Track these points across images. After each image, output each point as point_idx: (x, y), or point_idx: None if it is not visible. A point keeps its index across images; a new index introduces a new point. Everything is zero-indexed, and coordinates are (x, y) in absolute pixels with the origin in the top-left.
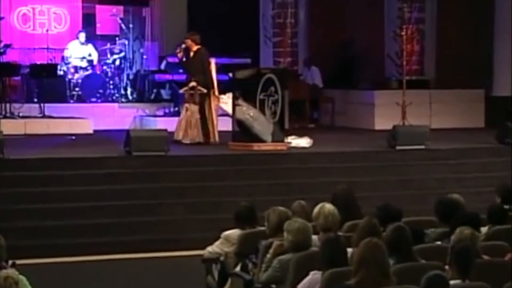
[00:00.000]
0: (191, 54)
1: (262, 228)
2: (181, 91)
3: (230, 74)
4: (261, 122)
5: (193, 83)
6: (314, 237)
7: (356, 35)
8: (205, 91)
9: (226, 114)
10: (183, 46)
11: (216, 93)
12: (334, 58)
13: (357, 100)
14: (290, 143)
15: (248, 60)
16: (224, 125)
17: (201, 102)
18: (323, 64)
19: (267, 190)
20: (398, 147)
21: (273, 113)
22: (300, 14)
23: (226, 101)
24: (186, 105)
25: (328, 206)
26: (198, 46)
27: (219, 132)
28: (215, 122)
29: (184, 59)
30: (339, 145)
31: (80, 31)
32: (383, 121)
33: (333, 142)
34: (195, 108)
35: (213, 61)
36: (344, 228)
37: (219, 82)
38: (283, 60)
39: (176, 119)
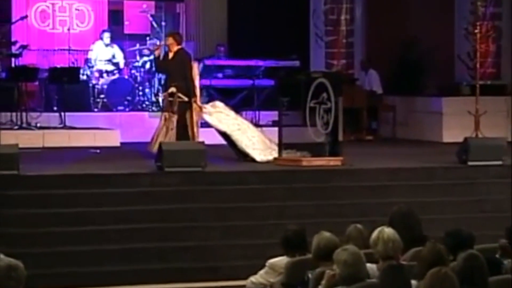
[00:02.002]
0: (170, 55)
1: None
2: (159, 96)
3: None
4: (251, 136)
5: (172, 89)
6: (373, 266)
7: (421, 34)
8: (186, 99)
9: (209, 126)
10: (162, 43)
11: (199, 102)
12: (395, 60)
13: (422, 108)
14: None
15: (297, 63)
16: (208, 138)
17: (181, 112)
18: (382, 67)
19: (318, 211)
20: (470, 163)
21: (325, 124)
22: (356, 10)
23: (209, 112)
24: (165, 114)
25: (388, 231)
26: (179, 47)
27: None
28: (196, 135)
29: (161, 58)
30: (401, 160)
31: (104, 31)
32: (453, 133)
33: (394, 156)
34: (173, 117)
35: (195, 66)
36: (407, 256)
37: (263, 88)
38: (336, 63)
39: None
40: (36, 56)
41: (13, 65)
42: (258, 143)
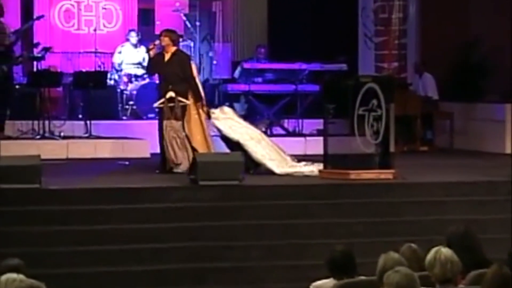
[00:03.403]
0: (166, 56)
1: (362, 277)
2: (155, 105)
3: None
4: (264, 146)
5: (171, 94)
6: None
7: (483, 33)
8: (188, 102)
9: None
10: (157, 42)
11: (205, 105)
12: (453, 62)
13: (483, 116)
14: (301, 172)
15: (344, 66)
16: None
17: (184, 116)
18: (439, 70)
19: (368, 229)
20: None
21: (375, 133)
22: (410, 8)
23: (218, 117)
24: (166, 122)
25: (446, 251)
26: (176, 48)
27: None
28: (209, 142)
29: (155, 59)
30: (459, 173)
31: (130, 30)
32: None
33: (451, 169)
34: (177, 124)
35: (194, 66)
36: (467, 280)
37: (306, 94)
38: (387, 66)
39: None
40: (60, 59)
41: (34, 69)
42: (273, 154)
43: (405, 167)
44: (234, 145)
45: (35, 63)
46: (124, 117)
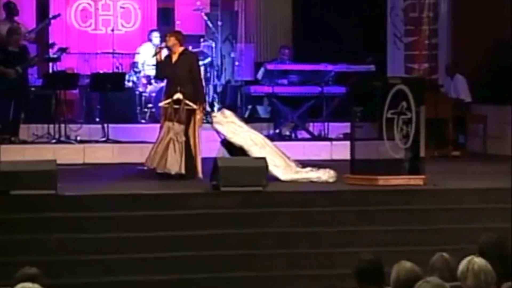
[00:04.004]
0: (174, 57)
1: None
2: (161, 104)
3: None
4: (269, 152)
5: (178, 95)
6: None
7: None
8: (195, 106)
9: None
10: (163, 45)
11: (208, 108)
12: (487, 63)
13: None
14: (307, 178)
15: (372, 67)
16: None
17: (188, 121)
18: (471, 71)
19: (397, 238)
20: None
21: (404, 137)
22: (441, 6)
23: (220, 121)
24: (168, 123)
25: (479, 261)
26: (183, 48)
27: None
28: (197, 149)
29: (163, 62)
30: (493, 180)
31: (152, 30)
32: None
33: (484, 175)
34: (180, 128)
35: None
36: None
37: (332, 96)
38: (418, 67)
39: (278, 144)
40: (76, 61)
41: (50, 70)
42: (278, 160)
43: (436, 172)
44: (237, 150)
45: (50, 64)
46: (143, 121)
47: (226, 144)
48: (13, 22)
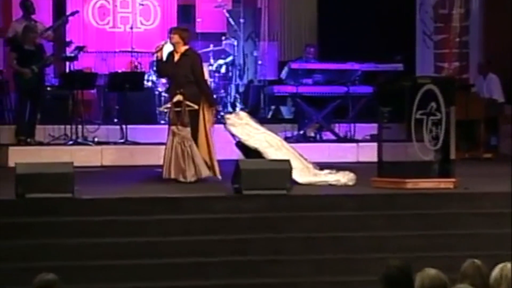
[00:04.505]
0: (176, 56)
1: None
2: (161, 109)
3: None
4: (285, 154)
5: (178, 97)
6: None
7: None
8: (196, 107)
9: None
10: (163, 43)
11: (224, 108)
12: None
13: None
14: (326, 181)
15: (400, 66)
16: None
17: (194, 124)
18: (504, 70)
19: (426, 243)
20: None
21: (434, 139)
22: (473, 2)
23: (234, 123)
24: (173, 128)
25: None
26: (187, 47)
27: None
28: (212, 149)
29: (163, 61)
30: None
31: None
32: None
33: None
34: (185, 131)
35: (206, 68)
36: None
37: (359, 96)
38: (448, 66)
39: (303, 145)
40: (94, 60)
41: (67, 69)
42: (294, 162)
43: (467, 175)
44: (252, 152)
45: (67, 63)
46: (162, 121)
47: (241, 146)
48: (30, 20)
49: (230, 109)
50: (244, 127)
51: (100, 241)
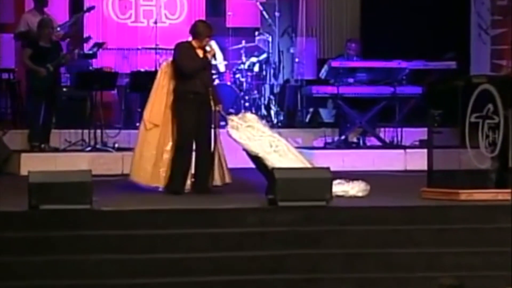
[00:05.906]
0: (200, 53)
1: None
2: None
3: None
4: (291, 160)
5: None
6: None
7: None
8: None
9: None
10: (212, 44)
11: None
12: None
13: None
14: (334, 192)
15: (453, 64)
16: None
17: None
18: None
19: (481, 261)
20: None
21: (490, 145)
22: None
23: (236, 126)
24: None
25: None
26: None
27: None
28: (221, 152)
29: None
30: None
31: None
32: None
33: None
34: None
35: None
36: None
37: (407, 97)
38: (506, 63)
39: (344, 152)
40: (115, 57)
41: (85, 68)
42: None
43: None
44: (252, 158)
45: (85, 61)
46: None
47: (246, 151)
48: (43, 14)
49: (263, 111)
50: (247, 130)
51: (121, 257)
